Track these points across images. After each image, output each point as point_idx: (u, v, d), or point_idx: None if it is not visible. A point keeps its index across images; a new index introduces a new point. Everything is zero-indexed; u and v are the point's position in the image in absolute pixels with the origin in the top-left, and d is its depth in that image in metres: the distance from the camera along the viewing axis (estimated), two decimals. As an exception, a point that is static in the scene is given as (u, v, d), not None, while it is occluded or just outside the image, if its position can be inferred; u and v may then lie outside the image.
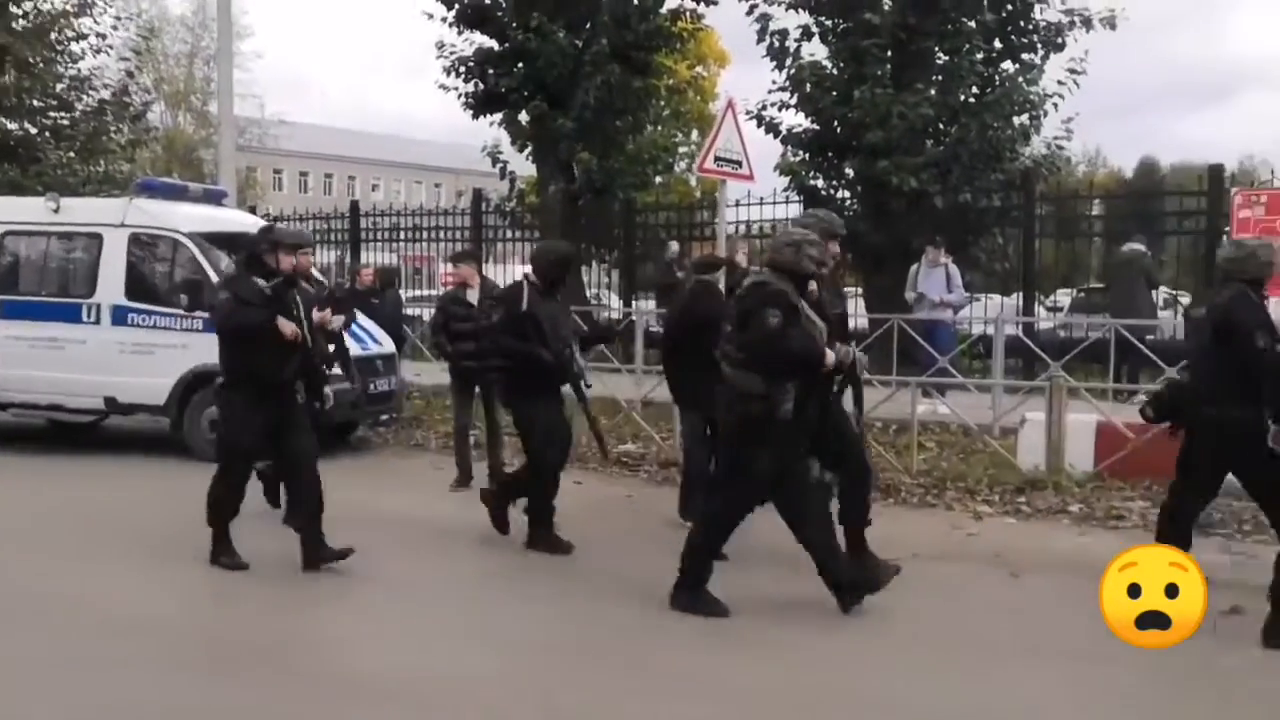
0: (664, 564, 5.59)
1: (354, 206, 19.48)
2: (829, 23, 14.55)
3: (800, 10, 14.69)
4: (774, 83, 14.68)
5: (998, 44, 14.33)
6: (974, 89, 14.13)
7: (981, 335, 12.33)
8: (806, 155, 14.92)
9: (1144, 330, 11.12)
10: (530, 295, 6.57)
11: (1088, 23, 13.80)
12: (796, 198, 14.89)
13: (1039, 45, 14.14)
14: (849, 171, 14.61)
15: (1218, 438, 5.43)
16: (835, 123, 14.25)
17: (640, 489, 8.63)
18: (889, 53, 13.91)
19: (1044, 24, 14.09)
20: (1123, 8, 13.74)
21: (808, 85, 14.32)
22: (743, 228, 14.84)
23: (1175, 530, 5.56)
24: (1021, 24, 14.10)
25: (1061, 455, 8.23)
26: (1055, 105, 14.16)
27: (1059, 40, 14.01)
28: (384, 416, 10.79)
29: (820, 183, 15.02)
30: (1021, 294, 13.87)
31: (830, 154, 14.72)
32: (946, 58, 14.10)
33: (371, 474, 9.15)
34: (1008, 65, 14.43)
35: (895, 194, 13.42)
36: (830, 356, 5.26)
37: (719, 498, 5.55)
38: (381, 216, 18.85)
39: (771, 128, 14.81)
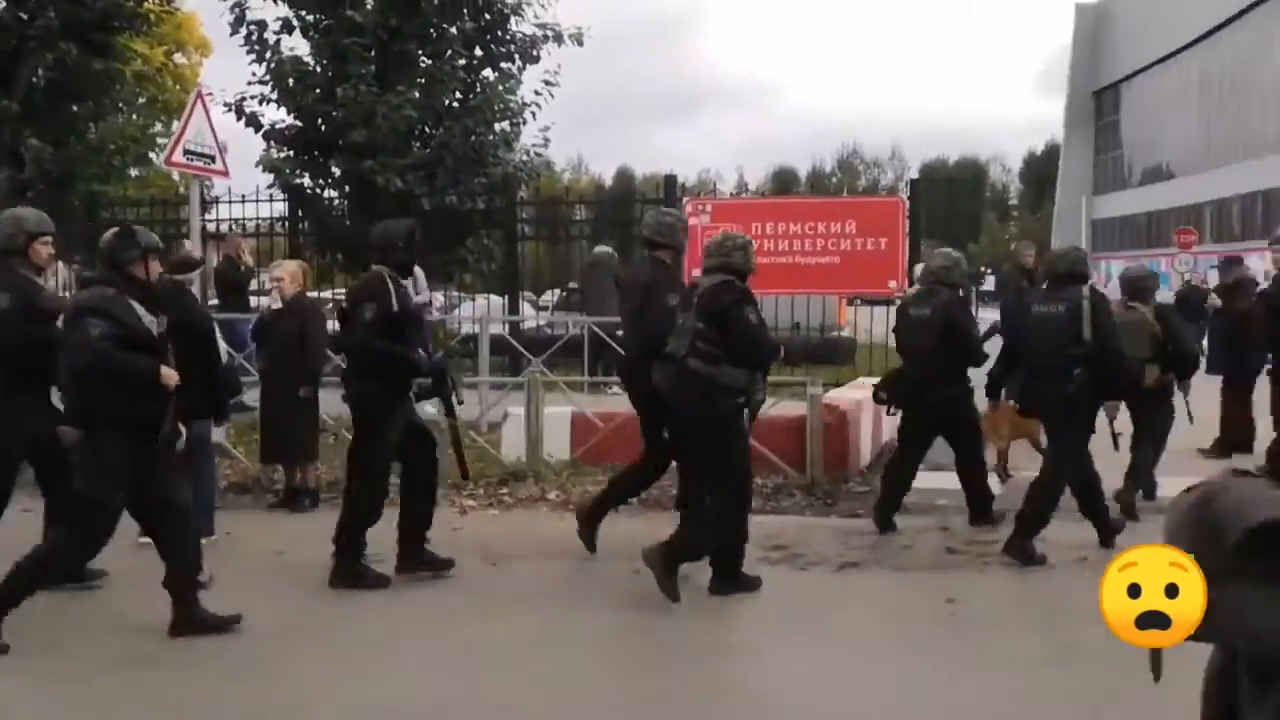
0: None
1: None
2: (310, 17, 14.20)
3: (280, 2, 14.21)
4: (254, 75, 14.10)
5: (478, 52, 14.81)
6: (457, 94, 14.49)
7: (471, 335, 12.70)
8: (291, 152, 14.48)
9: (615, 327, 12.04)
10: (397, 290, 5.68)
11: (559, 38, 14.68)
12: (281, 195, 14.42)
13: (516, 56, 14.82)
14: (335, 170, 14.38)
15: (944, 413, 6.97)
16: (319, 120, 13.98)
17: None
18: (372, 52, 13.87)
19: (520, 36, 14.80)
20: (589, 26, 14.79)
21: (290, 80, 13.91)
22: (225, 225, 14.09)
23: (897, 485, 7.17)
24: (499, 34, 14.70)
25: (540, 446, 8.69)
26: (534, 114, 14.93)
27: (534, 52, 14.78)
28: None
29: (306, 180, 14.66)
30: (508, 294, 14.46)
31: (316, 152, 14.40)
32: (430, 61, 14.32)
33: None
34: (488, 73, 14.97)
35: (382, 194, 13.41)
36: None
37: (723, 495, 5.67)
38: None
39: (253, 121, 14.20)
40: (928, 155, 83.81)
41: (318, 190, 14.79)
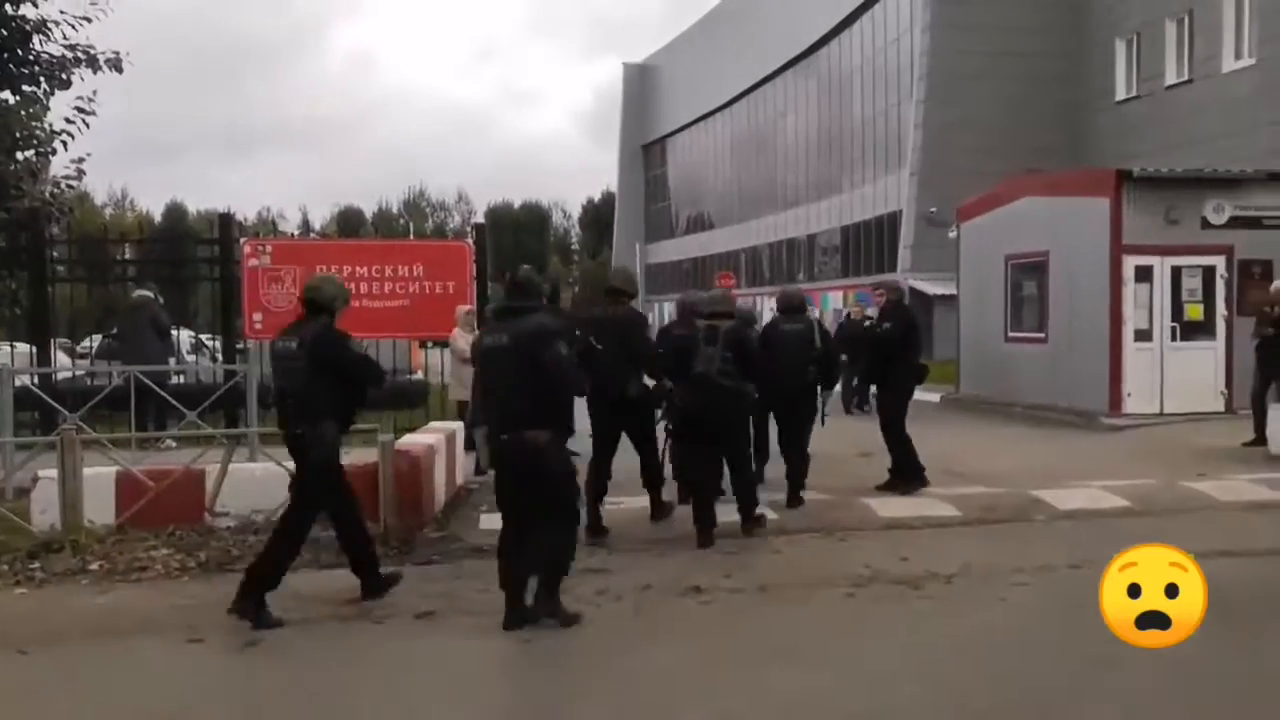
0: None
1: None
2: None
3: None
4: None
5: (-5, 71, 13.17)
6: (-31, 118, 12.80)
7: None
8: None
9: (164, 375, 11.14)
10: None
11: (93, 62, 13.38)
12: None
13: (41, 79, 13.32)
14: None
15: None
16: None
17: None
18: None
19: (46, 57, 13.32)
20: (128, 52, 13.62)
21: None
22: None
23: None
24: (19, 53, 13.14)
25: (80, 511, 7.77)
26: (65, 143, 13.49)
27: (64, 76, 13.36)
28: None
29: None
30: (37, 342, 12.93)
31: None
32: (-67, 79, 12.55)
33: None
34: (8, 96, 13.36)
35: None
36: None
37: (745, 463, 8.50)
38: None
39: None
40: (493, 198, 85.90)
41: None
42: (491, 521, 8.52)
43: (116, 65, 13.52)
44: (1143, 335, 14.94)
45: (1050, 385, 15.99)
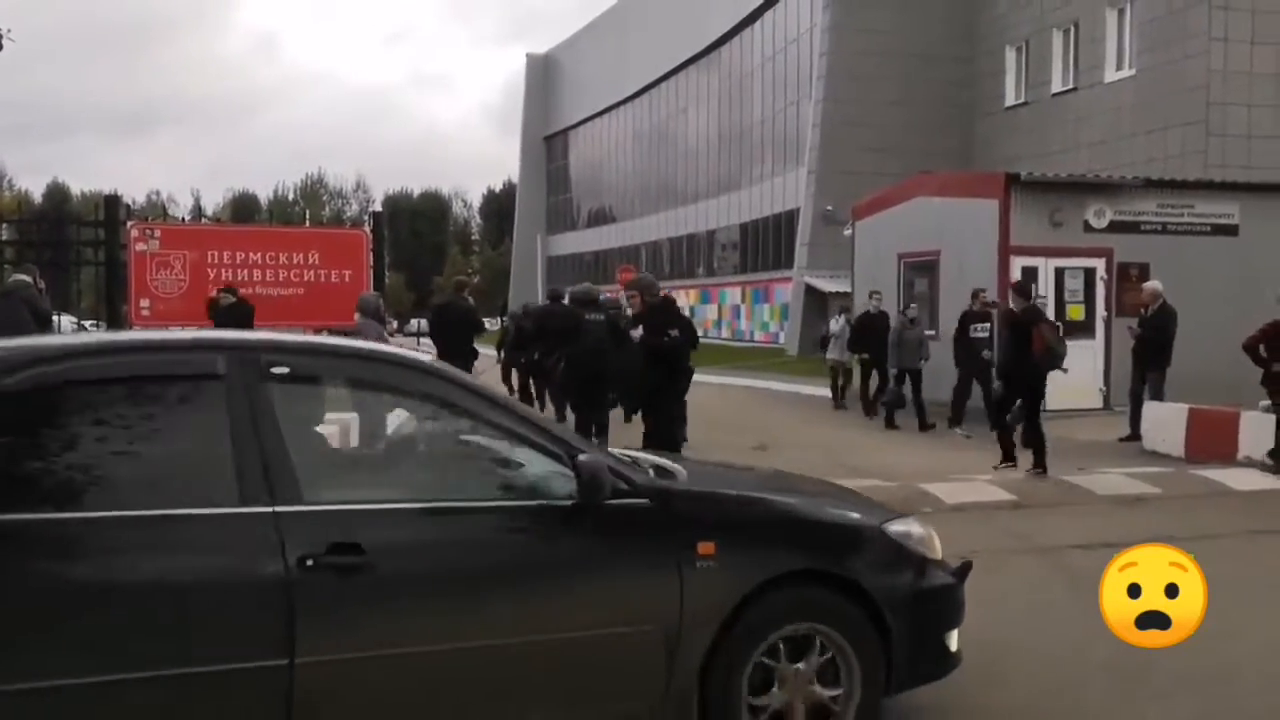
0: None
1: None
2: None
3: None
4: None
5: None
6: None
7: None
8: None
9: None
10: None
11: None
12: None
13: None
14: None
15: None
16: None
17: None
18: None
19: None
20: (9, 28, 13.09)
21: None
22: None
23: None
24: (-111, 24, 12.52)
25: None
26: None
27: (-62, 49, 12.78)
28: None
29: None
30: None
31: None
32: None
33: None
34: (-124, 67, 12.71)
35: None
36: None
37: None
38: None
39: None
40: (392, 187, 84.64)
41: None
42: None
43: (-4, 41, 12.99)
44: (1028, 334, 15.44)
45: (941, 381, 16.41)
